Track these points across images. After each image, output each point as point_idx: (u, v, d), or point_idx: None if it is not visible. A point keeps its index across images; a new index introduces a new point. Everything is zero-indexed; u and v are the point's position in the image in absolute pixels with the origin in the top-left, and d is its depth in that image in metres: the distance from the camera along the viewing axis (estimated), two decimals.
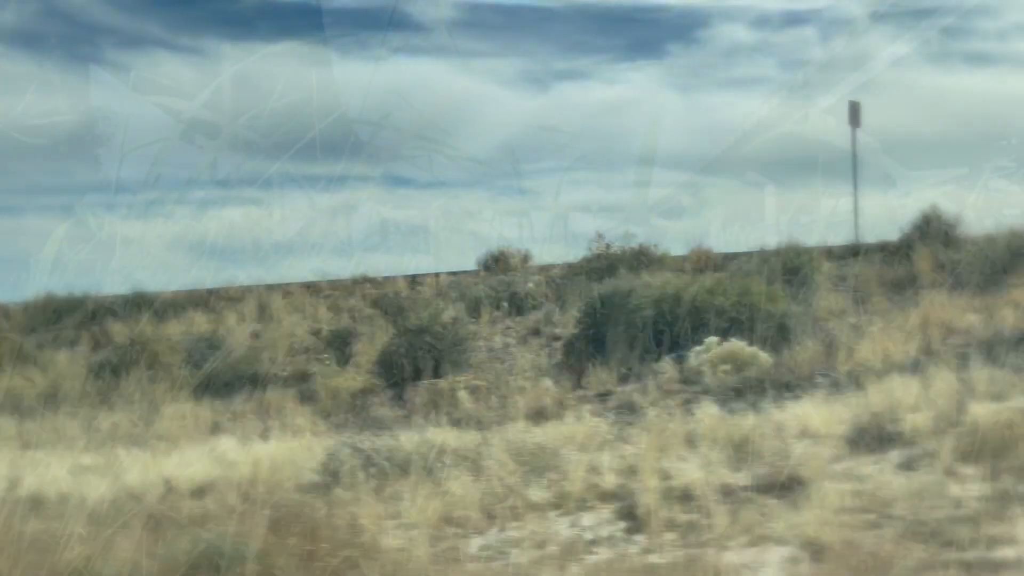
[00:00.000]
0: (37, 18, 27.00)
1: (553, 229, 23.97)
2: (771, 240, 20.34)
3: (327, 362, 18.25)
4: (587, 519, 9.19)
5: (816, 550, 7.64)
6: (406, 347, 16.91)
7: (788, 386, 13.24)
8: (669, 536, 8.42)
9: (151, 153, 15.55)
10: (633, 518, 8.92)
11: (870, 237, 21.11)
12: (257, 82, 17.70)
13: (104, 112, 19.12)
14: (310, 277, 23.87)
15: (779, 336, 15.31)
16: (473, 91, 31.49)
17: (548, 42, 35.40)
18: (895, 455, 9.91)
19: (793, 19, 37.21)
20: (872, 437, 10.29)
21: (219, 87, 17.20)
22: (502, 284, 21.24)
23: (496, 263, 24.01)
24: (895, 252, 19.81)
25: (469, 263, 24.34)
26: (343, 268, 24.00)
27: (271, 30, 29.52)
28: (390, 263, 24.33)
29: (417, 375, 16.43)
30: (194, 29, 30.47)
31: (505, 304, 20.39)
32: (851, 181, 22.17)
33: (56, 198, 30.04)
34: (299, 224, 21.37)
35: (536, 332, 19.09)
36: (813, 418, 11.16)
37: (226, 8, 30.11)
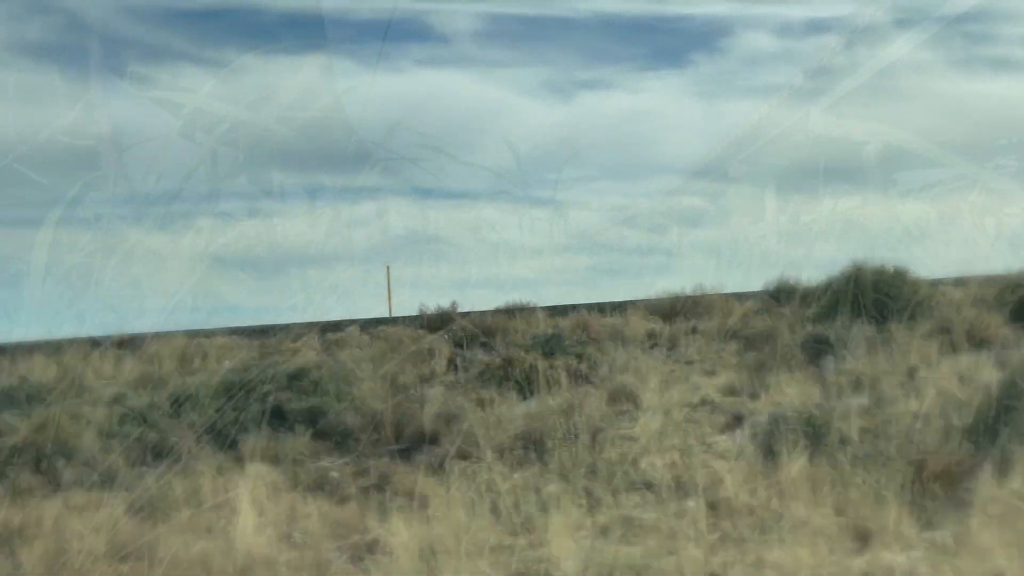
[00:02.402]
0: (60, 32, 27.66)
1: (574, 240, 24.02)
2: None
3: None
4: None
5: None
6: None
7: None
8: None
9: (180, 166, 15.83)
10: None
11: None
12: (282, 92, 18.15)
13: (128, 124, 19.49)
14: None
15: None
16: (496, 101, 31.85)
17: (571, 52, 35.47)
18: None
19: (816, 27, 37.26)
20: None
21: (241, 98, 17.63)
22: None
23: None
24: None
25: None
26: None
27: (296, 42, 29.99)
28: None
29: None
30: (218, 41, 31.07)
31: None
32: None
33: (79, 210, 30.49)
34: None
35: None
36: None
37: (250, 20, 30.68)
